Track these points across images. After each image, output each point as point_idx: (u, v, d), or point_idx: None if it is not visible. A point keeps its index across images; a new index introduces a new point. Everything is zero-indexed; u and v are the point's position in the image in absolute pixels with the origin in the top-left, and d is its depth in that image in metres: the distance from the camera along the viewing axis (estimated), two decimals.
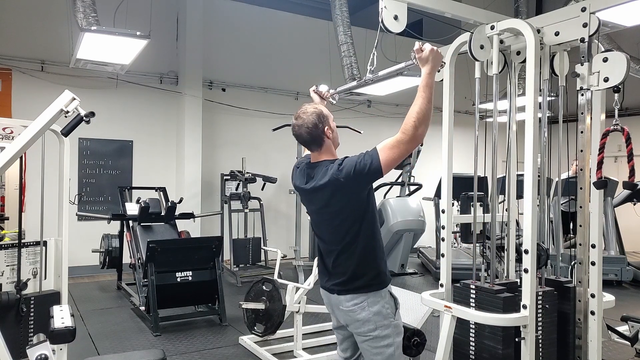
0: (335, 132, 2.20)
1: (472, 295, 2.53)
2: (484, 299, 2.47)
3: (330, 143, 2.18)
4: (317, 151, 2.19)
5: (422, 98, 1.96)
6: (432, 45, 2.01)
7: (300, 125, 2.14)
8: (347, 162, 2.03)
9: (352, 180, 2.00)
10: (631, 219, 7.53)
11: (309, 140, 2.16)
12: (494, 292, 2.45)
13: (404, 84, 6.38)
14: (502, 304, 2.37)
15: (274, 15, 8.56)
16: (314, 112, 2.14)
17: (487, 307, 2.44)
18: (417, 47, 2.02)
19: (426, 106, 1.94)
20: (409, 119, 1.94)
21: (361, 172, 1.97)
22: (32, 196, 6.12)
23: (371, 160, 1.97)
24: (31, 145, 2.42)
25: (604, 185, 2.52)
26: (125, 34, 4.66)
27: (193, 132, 7.62)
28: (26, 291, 2.96)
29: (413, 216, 6.78)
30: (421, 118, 1.93)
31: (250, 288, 4.19)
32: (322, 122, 2.13)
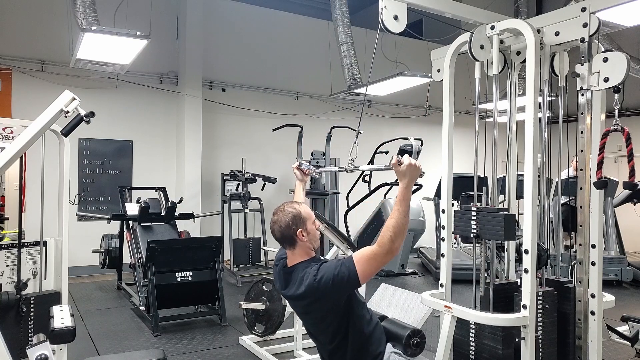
0: (312, 234, 2.14)
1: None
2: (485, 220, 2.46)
3: (304, 245, 2.13)
4: (290, 250, 2.16)
5: (399, 212, 1.95)
6: (410, 159, 1.98)
7: (274, 222, 2.14)
8: (324, 272, 2.00)
9: (331, 292, 1.99)
10: (631, 219, 7.53)
11: (281, 239, 2.14)
12: (495, 210, 2.45)
13: (404, 84, 6.38)
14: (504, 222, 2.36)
15: (274, 15, 8.56)
16: (290, 213, 2.11)
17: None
18: (394, 160, 1.99)
19: (402, 220, 1.94)
20: (385, 232, 1.94)
21: (339, 284, 1.97)
22: (32, 196, 6.12)
23: (348, 272, 1.96)
24: (31, 145, 2.42)
25: (604, 185, 2.52)
26: (125, 34, 4.65)
27: (193, 132, 7.62)
28: (26, 291, 2.96)
29: (413, 216, 6.78)
30: (397, 232, 1.93)
31: (250, 288, 4.19)
32: (296, 224, 2.10)
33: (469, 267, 5.88)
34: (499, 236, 2.42)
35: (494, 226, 2.41)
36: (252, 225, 7.37)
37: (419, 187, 7.57)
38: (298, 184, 2.59)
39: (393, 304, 2.82)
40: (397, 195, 2.00)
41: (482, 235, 2.49)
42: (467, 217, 2.53)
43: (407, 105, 9.46)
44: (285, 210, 2.13)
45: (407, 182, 1.98)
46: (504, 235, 2.38)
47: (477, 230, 2.49)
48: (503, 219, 2.37)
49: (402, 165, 1.97)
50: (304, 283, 2.03)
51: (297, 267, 2.12)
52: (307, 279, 2.03)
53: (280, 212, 2.14)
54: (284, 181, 8.23)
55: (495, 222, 2.41)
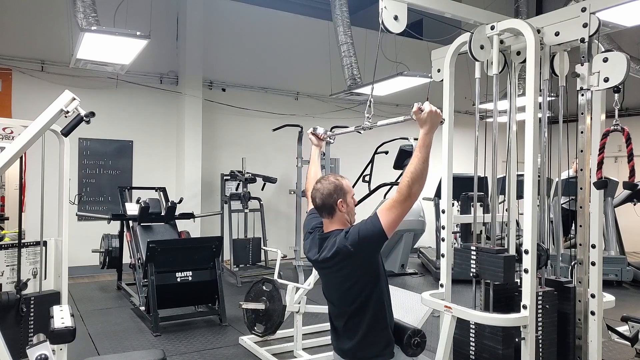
0: (350, 207, 2.21)
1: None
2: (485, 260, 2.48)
3: (342, 216, 2.19)
4: (327, 219, 2.21)
5: (418, 158, 1.99)
6: (430, 106, 2.00)
7: (316, 190, 2.20)
8: (352, 230, 2.08)
9: (359, 247, 2.03)
10: (631, 219, 7.53)
11: (321, 207, 2.20)
12: (494, 252, 2.46)
13: (405, 84, 6.38)
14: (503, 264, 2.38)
15: (274, 15, 8.56)
16: (333, 182, 2.19)
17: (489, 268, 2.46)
18: (415, 108, 2.02)
19: (421, 166, 1.97)
20: (404, 178, 1.99)
21: (365, 237, 2.02)
22: (32, 196, 6.12)
23: (372, 225, 2.01)
24: (31, 145, 2.42)
25: (604, 185, 2.52)
26: (125, 34, 4.65)
27: (193, 132, 7.62)
28: (26, 291, 2.96)
29: (413, 216, 6.78)
30: (415, 177, 1.96)
31: (250, 288, 4.19)
32: (337, 193, 2.16)
33: None
34: (498, 277, 2.42)
35: (493, 267, 2.42)
36: (252, 225, 7.36)
37: None
38: (314, 150, 2.66)
39: (393, 304, 2.82)
40: (418, 141, 2.01)
41: (481, 275, 2.51)
42: (467, 257, 2.54)
43: (407, 105, 9.28)
44: (329, 180, 2.20)
45: (428, 129, 2.01)
46: (504, 276, 2.39)
47: (476, 270, 2.50)
48: (502, 260, 2.38)
49: (423, 112, 2.00)
50: (336, 244, 2.08)
51: (332, 233, 2.17)
52: (339, 238, 2.09)
53: (324, 181, 2.20)
54: (284, 181, 8.23)
55: (494, 263, 2.42)
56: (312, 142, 2.65)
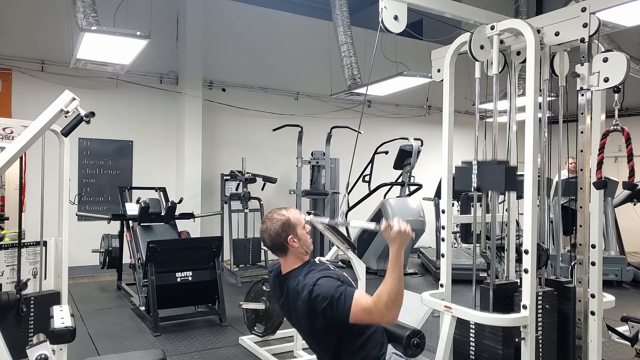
0: (303, 239, 2.11)
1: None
2: None
3: (296, 251, 2.11)
4: (282, 258, 2.15)
5: (392, 279, 1.86)
6: (400, 224, 1.88)
7: (263, 231, 2.13)
8: (321, 292, 1.94)
9: (322, 312, 1.94)
10: (631, 219, 7.52)
11: (272, 247, 2.13)
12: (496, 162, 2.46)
13: (405, 84, 6.38)
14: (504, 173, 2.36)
15: (274, 15, 8.56)
16: (279, 220, 2.09)
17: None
18: (384, 226, 1.89)
19: (397, 286, 1.85)
20: (383, 297, 1.85)
21: (331, 310, 1.91)
22: (32, 196, 6.12)
23: (344, 306, 1.89)
24: (31, 145, 2.42)
25: (603, 185, 2.52)
26: (125, 34, 4.65)
27: (193, 132, 7.61)
28: (26, 291, 2.96)
29: (413, 216, 6.78)
30: (393, 299, 1.85)
31: (250, 288, 4.19)
32: (285, 231, 2.07)
33: (469, 267, 5.88)
34: (500, 186, 2.43)
35: (495, 177, 2.41)
36: (252, 225, 7.36)
37: (418, 187, 7.59)
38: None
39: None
40: (389, 261, 1.89)
41: (483, 187, 2.49)
42: (468, 171, 2.52)
43: (407, 105, 9.45)
44: (274, 219, 2.10)
45: (398, 248, 1.88)
46: (505, 185, 2.39)
47: (478, 183, 2.48)
48: (504, 169, 2.39)
49: (392, 231, 1.87)
50: (300, 297, 2.00)
51: (291, 275, 2.11)
52: (303, 292, 1.98)
53: (268, 221, 2.11)
54: (284, 181, 8.23)
55: (496, 173, 2.41)
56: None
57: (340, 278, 2.04)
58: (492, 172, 2.43)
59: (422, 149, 7.22)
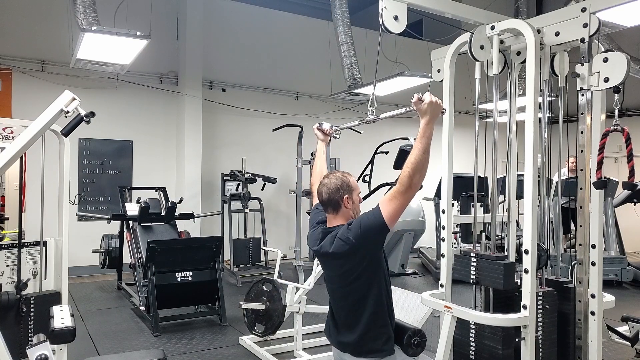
0: (356, 204, 2.22)
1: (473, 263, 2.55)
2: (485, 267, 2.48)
3: (347, 212, 2.20)
4: (332, 214, 2.22)
5: (418, 149, 1.97)
6: (431, 97, 2.00)
7: (323, 185, 2.21)
8: (354, 223, 2.08)
9: (361, 239, 2.02)
10: (631, 219, 7.53)
11: (327, 202, 2.20)
12: (494, 258, 2.46)
13: (405, 84, 6.38)
14: (503, 270, 2.39)
15: (274, 15, 8.56)
16: (340, 178, 2.19)
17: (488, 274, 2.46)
18: (415, 98, 2.01)
19: (422, 156, 1.96)
20: (405, 168, 1.97)
21: (367, 229, 2.01)
22: (32, 196, 6.12)
23: (374, 216, 2.01)
24: (31, 145, 2.42)
25: (603, 185, 2.52)
26: (125, 34, 4.65)
27: (193, 132, 7.62)
28: (26, 291, 2.96)
29: (413, 216, 6.78)
30: (416, 167, 1.95)
31: (250, 288, 4.19)
32: (344, 189, 2.17)
33: None
34: (498, 284, 2.43)
35: (493, 274, 2.42)
36: (252, 226, 7.36)
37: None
38: (320, 145, 2.65)
39: (393, 304, 2.83)
40: (419, 131, 2.00)
41: (481, 282, 2.51)
42: (467, 263, 2.55)
43: (407, 106, 9.43)
44: (336, 176, 2.20)
45: (429, 119, 2.00)
46: (504, 283, 2.39)
47: (476, 276, 2.51)
48: (502, 267, 2.39)
49: (424, 103, 1.99)
50: (338, 236, 2.08)
51: (336, 228, 2.17)
52: (341, 231, 2.09)
53: (331, 176, 2.21)
54: (284, 181, 8.23)
55: (494, 270, 2.42)
56: (317, 137, 2.64)
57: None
58: (491, 268, 2.44)
59: None
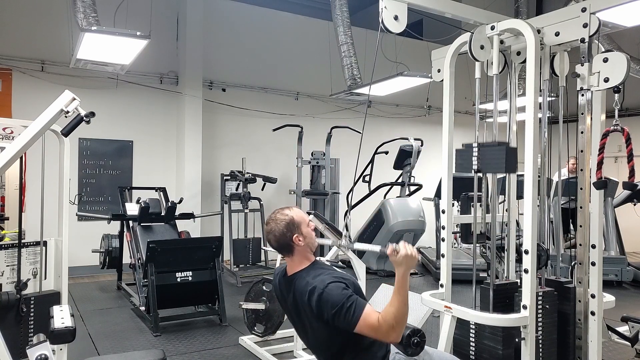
0: (308, 236, 2.12)
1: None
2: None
3: (302, 249, 2.10)
4: (289, 258, 2.13)
5: (399, 301, 1.88)
6: (406, 248, 1.90)
7: (268, 232, 2.11)
8: (330, 299, 1.92)
9: (329, 317, 1.94)
10: (631, 219, 7.53)
11: (278, 248, 2.12)
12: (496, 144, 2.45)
13: (405, 84, 6.39)
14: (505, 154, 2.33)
15: (274, 15, 8.56)
16: (283, 220, 2.09)
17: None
18: (390, 250, 1.91)
19: (403, 309, 1.88)
20: (388, 318, 1.87)
21: (339, 318, 1.91)
22: (32, 196, 6.12)
23: (352, 317, 1.89)
24: (31, 145, 2.42)
25: (603, 185, 2.53)
26: (126, 34, 4.65)
27: (193, 132, 7.62)
28: (26, 291, 2.96)
29: (413, 216, 6.78)
30: (398, 321, 1.87)
31: (250, 288, 4.18)
32: (290, 230, 2.07)
33: (469, 267, 5.88)
34: (500, 168, 2.41)
35: (495, 159, 2.40)
36: (252, 226, 7.36)
37: (418, 187, 7.59)
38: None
39: None
40: (395, 283, 1.91)
41: (483, 169, 2.48)
42: (469, 154, 2.51)
43: (407, 106, 9.46)
44: (278, 219, 2.10)
45: (404, 271, 1.91)
46: (506, 166, 2.38)
47: (478, 165, 2.48)
48: (504, 150, 2.37)
49: (399, 255, 1.90)
50: (308, 298, 1.98)
51: (298, 276, 2.10)
52: (313, 296, 1.97)
53: (272, 222, 2.11)
54: (284, 181, 8.23)
55: (496, 154, 2.40)
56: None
57: (348, 283, 2.02)
58: (493, 154, 2.42)
59: (422, 149, 7.22)
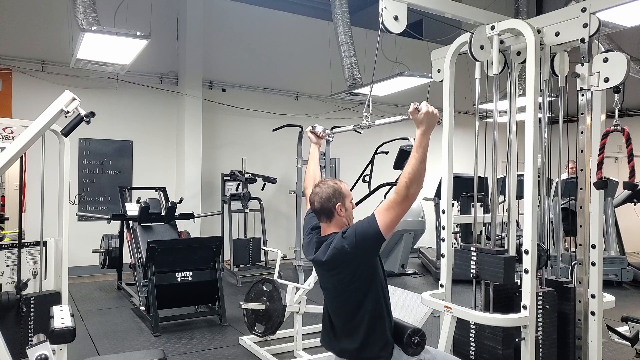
0: (349, 211, 2.21)
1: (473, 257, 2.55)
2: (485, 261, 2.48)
3: (340, 220, 2.18)
4: (325, 223, 2.21)
5: (415, 158, 1.96)
6: (427, 106, 1.99)
7: (315, 194, 2.20)
8: (349, 231, 2.06)
9: (356, 248, 2.01)
10: (631, 219, 7.53)
11: (319, 210, 2.19)
12: (494, 252, 2.46)
13: (405, 84, 6.38)
14: (503, 264, 2.38)
15: (274, 15, 8.56)
16: (332, 186, 2.18)
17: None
18: (412, 108, 2.01)
19: (419, 166, 1.95)
20: (401, 179, 1.96)
21: (363, 239, 2.00)
22: (32, 196, 6.12)
23: (369, 225, 1.99)
24: (31, 145, 2.42)
25: (604, 185, 2.52)
26: (126, 34, 4.65)
27: (193, 132, 7.61)
28: (26, 291, 2.96)
29: (413, 216, 6.78)
30: (413, 178, 1.94)
31: (250, 288, 4.19)
32: (336, 197, 2.16)
33: None
34: (498, 278, 2.42)
35: (493, 268, 2.42)
36: (252, 226, 7.36)
37: None
38: (313, 147, 2.69)
39: (393, 304, 2.84)
40: (415, 141, 2.00)
41: (481, 276, 2.51)
42: (467, 257, 2.55)
43: (407, 106, 9.38)
44: (328, 184, 2.19)
45: (425, 129, 2.00)
46: (504, 277, 2.39)
47: (476, 271, 2.50)
48: (502, 261, 2.38)
49: (420, 113, 2.00)
50: (334, 244, 2.07)
51: (330, 236, 2.15)
52: (337, 239, 2.07)
53: (322, 184, 2.20)
54: (284, 181, 8.23)
55: (494, 264, 2.41)
56: (310, 140, 2.67)
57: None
58: (491, 262, 2.44)
59: None
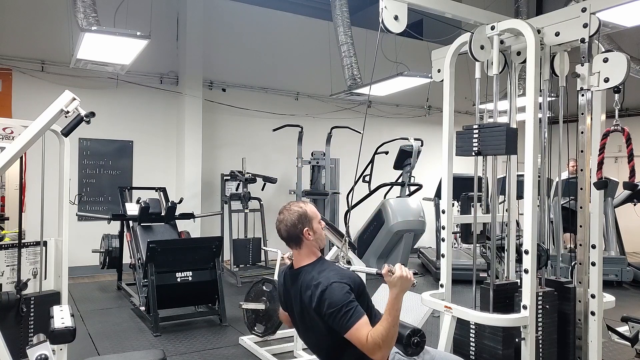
0: (318, 233, 2.13)
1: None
2: None
3: (310, 244, 2.12)
4: (296, 250, 2.14)
5: (388, 322, 1.88)
6: (402, 270, 1.92)
7: (280, 221, 2.13)
8: (331, 299, 1.93)
9: (327, 316, 1.94)
10: (631, 219, 7.53)
11: (287, 238, 2.13)
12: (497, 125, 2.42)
13: (405, 84, 6.39)
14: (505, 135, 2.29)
15: (274, 15, 8.56)
16: (296, 212, 2.11)
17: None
18: (385, 270, 1.93)
19: (391, 330, 1.88)
20: (376, 337, 1.86)
21: (335, 319, 1.92)
22: (32, 196, 6.12)
23: (347, 322, 1.89)
24: (31, 145, 2.42)
25: (604, 185, 2.53)
26: (126, 34, 4.65)
27: (193, 132, 7.62)
28: (26, 291, 2.96)
29: (413, 216, 6.77)
30: (385, 342, 1.86)
31: (250, 288, 4.19)
32: (302, 222, 2.09)
33: (469, 267, 5.88)
34: (500, 149, 2.39)
35: (495, 140, 2.39)
36: (252, 226, 7.36)
37: (418, 187, 7.59)
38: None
39: None
40: (387, 304, 1.91)
41: (484, 151, 2.47)
42: (469, 136, 2.50)
43: (407, 106, 9.46)
44: (292, 210, 2.12)
45: (397, 293, 1.91)
46: (506, 148, 2.36)
47: (479, 147, 2.47)
48: (505, 132, 2.36)
49: (394, 276, 1.91)
50: (309, 295, 1.99)
51: (304, 270, 2.10)
52: (314, 292, 1.98)
53: (286, 211, 2.13)
54: (284, 181, 8.23)
55: (497, 136, 2.38)
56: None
57: (352, 285, 2.01)
58: (493, 135, 2.39)
59: (422, 149, 7.21)
